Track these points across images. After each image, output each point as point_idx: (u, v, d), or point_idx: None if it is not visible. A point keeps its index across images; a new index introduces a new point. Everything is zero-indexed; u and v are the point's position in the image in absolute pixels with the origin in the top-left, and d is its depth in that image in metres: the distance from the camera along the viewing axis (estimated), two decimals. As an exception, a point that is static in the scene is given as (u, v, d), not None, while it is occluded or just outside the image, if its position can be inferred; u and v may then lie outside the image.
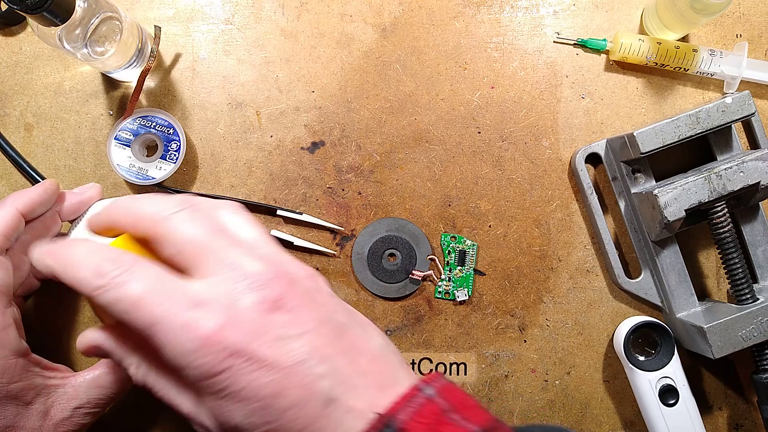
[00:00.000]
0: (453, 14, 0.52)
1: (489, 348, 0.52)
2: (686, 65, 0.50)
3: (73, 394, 0.41)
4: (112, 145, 0.49)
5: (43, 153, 0.51)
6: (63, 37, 0.41)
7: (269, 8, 0.52)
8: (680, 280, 0.49)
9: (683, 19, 0.47)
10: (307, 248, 0.51)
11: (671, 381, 0.48)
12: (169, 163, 0.49)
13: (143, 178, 0.49)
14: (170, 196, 0.34)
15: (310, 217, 0.51)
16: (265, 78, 0.51)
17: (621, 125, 0.52)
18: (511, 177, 0.52)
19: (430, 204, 0.52)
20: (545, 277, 0.52)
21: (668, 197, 0.45)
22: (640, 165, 0.49)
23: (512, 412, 0.52)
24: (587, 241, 0.52)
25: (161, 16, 0.51)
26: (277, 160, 0.51)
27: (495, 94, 0.52)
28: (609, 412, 0.52)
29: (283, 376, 0.29)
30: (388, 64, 0.52)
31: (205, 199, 0.35)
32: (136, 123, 0.49)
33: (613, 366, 0.52)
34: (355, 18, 0.52)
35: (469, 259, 0.51)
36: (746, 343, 0.45)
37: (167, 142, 0.49)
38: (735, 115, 0.46)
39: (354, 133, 0.52)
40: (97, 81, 0.51)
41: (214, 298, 0.30)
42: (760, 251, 0.50)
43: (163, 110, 0.50)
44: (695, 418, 0.48)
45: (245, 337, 0.29)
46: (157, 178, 0.49)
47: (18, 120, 0.51)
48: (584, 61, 0.52)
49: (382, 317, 0.52)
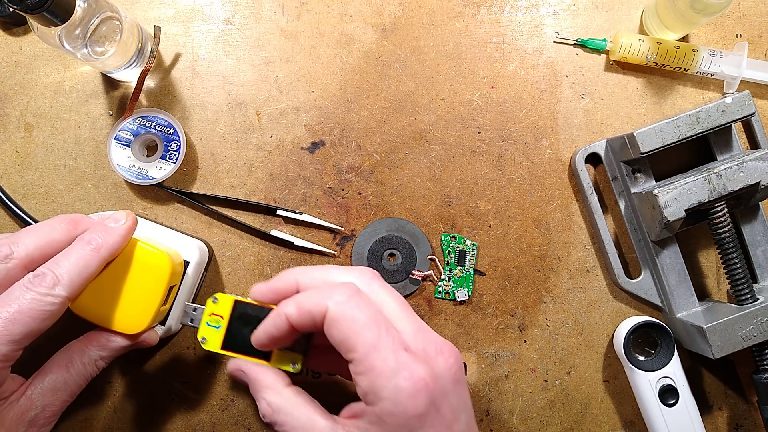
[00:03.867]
0: (453, 14, 0.52)
1: (489, 348, 0.52)
2: (686, 65, 0.50)
3: (27, 406, 0.38)
4: (112, 145, 0.49)
5: (43, 153, 0.51)
6: (63, 37, 0.41)
7: (269, 8, 0.52)
8: (680, 280, 0.49)
9: (683, 19, 0.47)
10: (307, 248, 0.51)
11: (671, 381, 0.48)
12: (169, 163, 0.49)
13: (143, 178, 0.49)
14: (337, 273, 0.38)
15: (310, 217, 0.51)
16: (265, 78, 0.51)
17: (621, 125, 0.52)
18: (511, 177, 0.52)
19: (430, 204, 0.52)
20: (545, 277, 0.52)
21: (668, 197, 0.45)
22: (640, 165, 0.49)
23: (512, 412, 0.52)
24: (587, 241, 0.52)
25: (161, 16, 0.51)
26: (277, 160, 0.51)
27: (495, 94, 0.52)
28: (609, 412, 0.52)
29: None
30: (388, 64, 0.52)
31: (353, 272, 0.38)
32: (136, 123, 0.49)
33: (613, 366, 0.52)
34: (355, 18, 0.52)
35: (469, 259, 0.51)
36: (746, 343, 0.45)
37: (167, 142, 0.49)
38: (735, 115, 0.46)
39: (354, 133, 0.52)
40: (97, 81, 0.51)
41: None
42: (760, 251, 0.50)
43: (163, 110, 0.50)
44: (695, 418, 0.48)
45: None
46: (157, 178, 0.49)
47: (18, 120, 0.51)
48: (584, 61, 0.52)
49: (382, 317, 0.51)
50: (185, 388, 0.51)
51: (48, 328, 0.36)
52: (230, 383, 0.51)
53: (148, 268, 0.41)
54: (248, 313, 0.41)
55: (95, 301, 0.41)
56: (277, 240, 0.51)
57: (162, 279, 0.41)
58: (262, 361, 0.41)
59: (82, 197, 0.51)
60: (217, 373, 0.51)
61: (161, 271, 0.41)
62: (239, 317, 0.41)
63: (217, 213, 0.51)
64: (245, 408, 0.51)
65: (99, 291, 0.41)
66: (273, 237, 0.51)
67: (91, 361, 0.41)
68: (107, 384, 0.51)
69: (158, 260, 0.41)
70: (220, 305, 0.41)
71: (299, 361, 0.40)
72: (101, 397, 0.51)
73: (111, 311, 0.41)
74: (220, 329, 0.41)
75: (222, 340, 0.41)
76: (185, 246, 0.47)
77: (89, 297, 0.41)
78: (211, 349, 0.41)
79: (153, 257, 0.41)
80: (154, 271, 0.41)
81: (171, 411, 0.51)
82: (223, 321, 0.41)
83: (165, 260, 0.42)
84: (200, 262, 0.47)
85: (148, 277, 0.41)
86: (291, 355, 0.40)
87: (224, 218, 0.51)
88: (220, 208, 0.51)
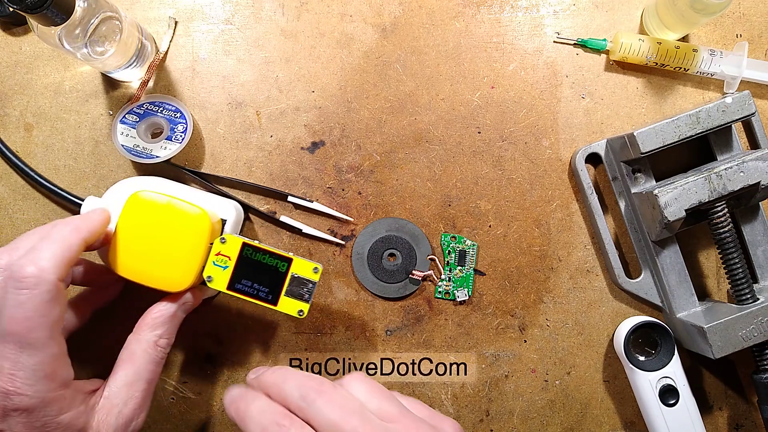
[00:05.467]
0: (453, 14, 0.52)
1: (489, 348, 0.52)
2: (686, 65, 0.50)
3: (108, 406, 0.40)
4: (118, 126, 0.49)
5: (43, 153, 0.51)
6: (63, 37, 0.41)
7: (269, 8, 0.52)
8: (680, 280, 0.49)
9: (683, 19, 0.47)
10: (315, 236, 0.51)
11: (671, 381, 0.48)
12: (175, 143, 0.49)
13: (147, 156, 0.49)
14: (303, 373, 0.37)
15: (320, 206, 0.51)
16: (265, 78, 0.51)
17: (621, 125, 0.52)
18: (511, 177, 0.52)
19: (430, 204, 0.52)
20: (545, 277, 0.52)
21: (668, 197, 0.45)
22: (641, 165, 0.49)
23: (512, 412, 0.52)
24: (587, 241, 0.52)
25: (161, 16, 0.51)
26: (277, 160, 0.51)
27: (495, 94, 0.52)
28: (609, 412, 0.52)
29: None
30: (388, 64, 0.52)
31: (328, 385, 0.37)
32: (143, 108, 0.49)
33: (613, 366, 0.52)
34: (355, 18, 0.52)
35: (469, 259, 0.51)
36: (746, 343, 0.45)
37: (173, 125, 0.49)
38: (735, 115, 0.46)
39: (354, 133, 0.52)
40: (96, 81, 0.51)
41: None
42: (760, 251, 0.50)
43: (170, 96, 0.50)
44: (695, 418, 0.48)
45: None
46: (161, 156, 0.49)
47: (18, 120, 0.51)
48: (584, 61, 0.52)
49: (382, 317, 0.52)
50: (185, 388, 0.51)
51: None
52: (230, 383, 0.51)
53: (188, 226, 0.42)
54: (257, 257, 0.43)
55: (139, 262, 0.42)
56: (285, 226, 0.51)
57: (202, 236, 0.42)
58: (268, 305, 0.43)
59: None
60: (217, 373, 0.51)
61: (201, 228, 0.42)
62: (247, 260, 0.43)
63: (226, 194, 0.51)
64: (245, 408, 0.51)
65: (142, 251, 0.42)
66: (281, 223, 0.51)
67: (150, 343, 0.42)
68: (107, 384, 0.51)
69: (198, 218, 0.42)
70: (227, 246, 0.43)
71: (305, 308, 0.42)
72: (101, 397, 0.51)
73: (155, 270, 0.42)
74: (227, 270, 0.43)
75: (228, 281, 0.42)
76: (221, 206, 0.48)
77: (133, 257, 0.42)
78: (217, 288, 0.42)
79: (192, 215, 0.42)
80: (195, 228, 0.42)
81: (171, 411, 0.51)
82: (230, 262, 0.43)
83: (205, 217, 0.42)
84: (237, 221, 0.48)
85: (188, 235, 0.42)
86: (297, 303, 0.42)
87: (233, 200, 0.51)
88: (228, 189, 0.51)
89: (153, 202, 0.42)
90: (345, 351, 0.52)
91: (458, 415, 0.52)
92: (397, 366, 0.52)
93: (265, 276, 0.43)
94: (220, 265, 0.43)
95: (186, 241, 0.42)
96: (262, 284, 0.43)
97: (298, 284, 0.43)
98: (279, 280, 0.43)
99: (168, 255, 0.42)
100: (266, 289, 0.43)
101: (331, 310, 0.52)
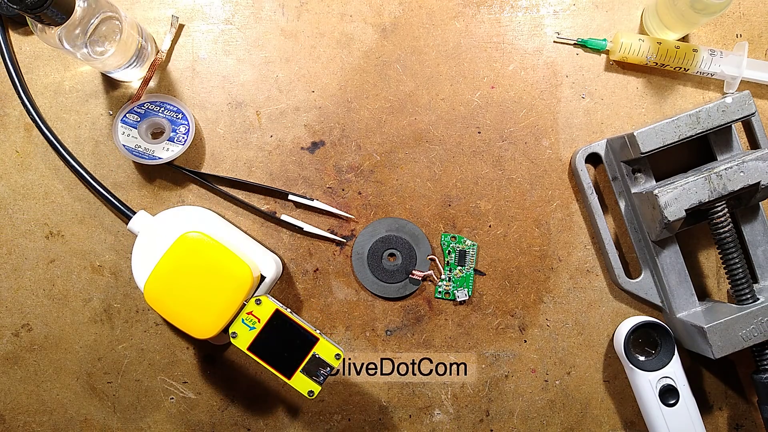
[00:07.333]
0: (453, 14, 0.52)
1: (489, 348, 0.52)
2: (686, 65, 0.50)
3: None
4: (119, 126, 0.49)
5: (43, 153, 0.51)
6: (63, 37, 0.41)
7: (269, 8, 0.52)
8: (680, 280, 0.49)
9: (683, 19, 0.47)
10: (316, 234, 0.51)
11: (671, 381, 0.48)
12: (177, 144, 0.49)
13: (149, 157, 0.49)
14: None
15: (321, 204, 0.51)
16: (265, 78, 0.51)
17: (621, 125, 0.52)
18: (511, 177, 0.52)
19: (430, 204, 0.52)
20: (545, 277, 0.52)
21: (668, 197, 0.45)
22: (641, 165, 0.49)
23: (512, 412, 0.52)
24: (587, 241, 0.52)
25: (161, 16, 0.51)
26: (277, 160, 0.51)
27: (495, 94, 0.52)
28: (609, 412, 0.52)
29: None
30: (388, 64, 0.52)
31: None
32: (144, 108, 0.49)
33: (613, 366, 0.52)
34: (355, 18, 0.52)
35: (469, 259, 0.51)
36: (746, 343, 0.45)
37: (175, 126, 0.49)
38: (735, 115, 0.46)
39: (354, 133, 0.52)
40: (96, 81, 0.51)
41: None
42: (760, 251, 0.50)
43: (170, 96, 0.50)
44: (695, 418, 0.48)
45: None
46: (164, 158, 0.49)
47: (18, 120, 0.51)
48: (584, 61, 0.52)
49: (382, 317, 0.52)
50: (185, 388, 0.51)
51: None
52: (230, 383, 0.51)
53: (230, 279, 0.41)
54: (285, 327, 0.42)
55: (172, 299, 0.41)
56: (285, 225, 0.51)
57: (241, 292, 0.41)
58: (282, 376, 0.42)
59: (81, 197, 0.51)
60: (217, 373, 0.51)
61: (242, 284, 0.41)
62: (275, 327, 0.42)
63: (227, 194, 0.51)
64: (245, 408, 0.51)
65: (178, 289, 0.41)
66: (281, 222, 0.51)
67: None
68: (107, 384, 0.51)
69: (242, 274, 0.41)
70: (261, 308, 0.42)
71: (316, 390, 0.42)
72: (101, 397, 0.51)
73: (185, 312, 0.41)
74: (253, 331, 0.42)
75: (251, 342, 0.42)
76: (264, 259, 0.46)
77: (167, 293, 0.41)
78: (239, 346, 0.42)
79: (237, 271, 0.41)
80: (236, 283, 0.41)
81: (171, 411, 0.51)
82: (259, 324, 0.42)
83: (248, 275, 0.41)
84: (274, 278, 0.47)
85: (227, 289, 0.41)
86: (310, 383, 0.42)
87: (234, 200, 0.51)
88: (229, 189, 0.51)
89: (203, 246, 0.41)
90: (345, 351, 0.52)
91: (458, 415, 0.52)
92: (397, 366, 0.52)
93: (287, 347, 0.42)
94: (248, 325, 0.42)
95: (224, 293, 0.41)
96: (281, 354, 0.42)
97: (316, 364, 0.42)
98: (299, 355, 0.42)
99: (202, 301, 0.41)
100: (284, 360, 0.42)
101: (331, 310, 0.52)
